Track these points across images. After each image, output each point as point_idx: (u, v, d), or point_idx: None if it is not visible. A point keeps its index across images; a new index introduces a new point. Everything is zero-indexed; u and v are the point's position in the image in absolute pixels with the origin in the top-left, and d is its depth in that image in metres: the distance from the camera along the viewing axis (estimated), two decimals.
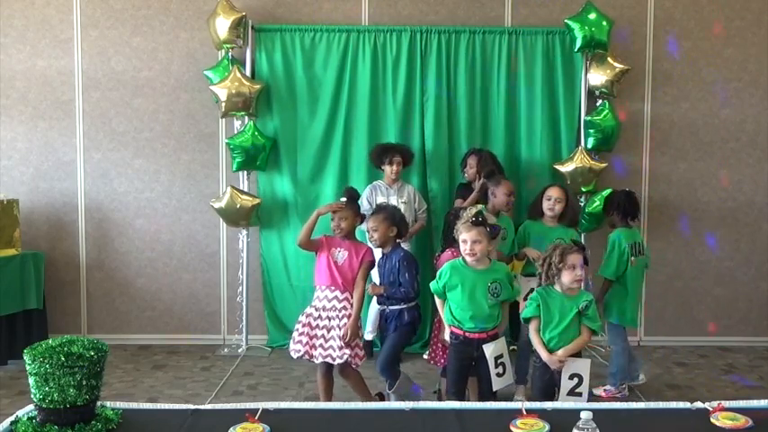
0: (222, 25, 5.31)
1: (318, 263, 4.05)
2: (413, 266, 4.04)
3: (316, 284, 4.06)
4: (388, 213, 4.11)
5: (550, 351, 3.41)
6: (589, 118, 5.47)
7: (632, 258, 4.47)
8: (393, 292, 4.03)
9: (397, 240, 4.16)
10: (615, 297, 4.52)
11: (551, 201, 4.43)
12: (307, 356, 3.95)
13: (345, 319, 3.92)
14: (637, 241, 4.55)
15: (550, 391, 3.40)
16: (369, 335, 5.38)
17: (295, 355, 3.97)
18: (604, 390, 4.51)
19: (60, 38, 5.63)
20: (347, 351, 3.90)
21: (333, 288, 3.97)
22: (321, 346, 3.92)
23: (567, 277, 3.41)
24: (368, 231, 4.13)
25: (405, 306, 4.05)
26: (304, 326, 3.98)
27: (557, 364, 3.38)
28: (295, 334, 4.00)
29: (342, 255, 4.00)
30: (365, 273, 4.04)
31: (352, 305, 3.97)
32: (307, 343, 3.95)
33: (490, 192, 4.65)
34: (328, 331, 3.93)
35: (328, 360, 3.92)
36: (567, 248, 3.45)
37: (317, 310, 3.99)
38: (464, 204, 4.81)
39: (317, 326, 3.96)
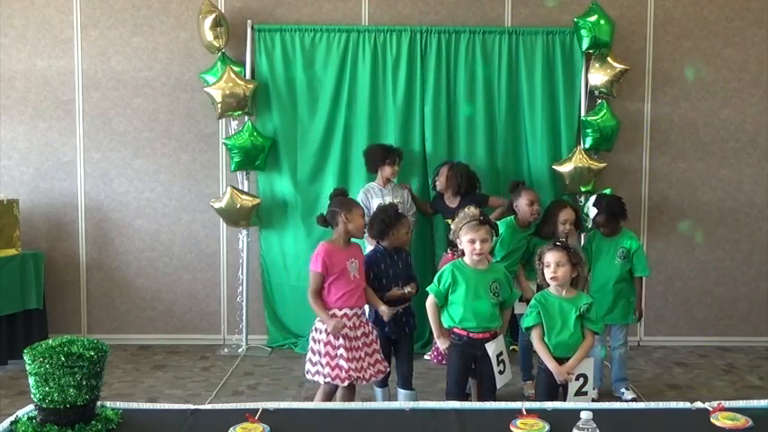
0: (204, 26, 5.32)
1: (339, 283, 3.67)
2: None
3: (344, 306, 3.66)
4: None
5: (557, 359, 3.33)
6: (585, 118, 5.46)
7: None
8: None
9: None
10: (629, 295, 4.49)
11: (567, 224, 4.37)
12: (358, 381, 3.69)
13: (370, 326, 3.81)
14: None
15: (555, 392, 3.37)
16: None
17: (346, 383, 3.64)
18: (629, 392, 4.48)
19: (60, 38, 5.62)
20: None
21: (360, 306, 3.78)
22: (370, 364, 3.74)
23: (546, 275, 3.42)
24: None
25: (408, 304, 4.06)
26: (348, 350, 3.64)
27: (566, 377, 3.30)
28: (341, 362, 3.62)
29: (355, 265, 3.74)
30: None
31: (364, 312, 3.83)
32: (358, 368, 3.65)
33: (514, 205, 4.60)
34: (369, 346, 3.76)
35: (379, 376, 3.80)
36: (546, 247, 3.47)
37: (357, 334, 3.71)
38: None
39: (358, 347, 3.69)
